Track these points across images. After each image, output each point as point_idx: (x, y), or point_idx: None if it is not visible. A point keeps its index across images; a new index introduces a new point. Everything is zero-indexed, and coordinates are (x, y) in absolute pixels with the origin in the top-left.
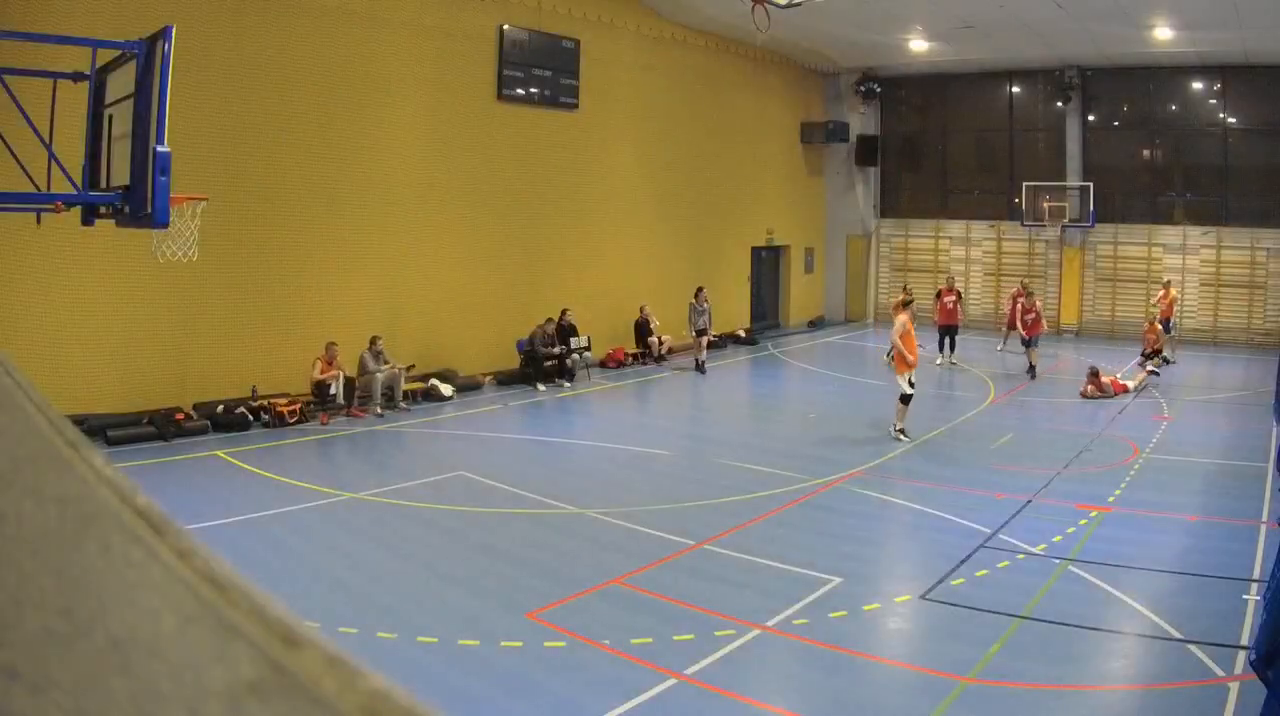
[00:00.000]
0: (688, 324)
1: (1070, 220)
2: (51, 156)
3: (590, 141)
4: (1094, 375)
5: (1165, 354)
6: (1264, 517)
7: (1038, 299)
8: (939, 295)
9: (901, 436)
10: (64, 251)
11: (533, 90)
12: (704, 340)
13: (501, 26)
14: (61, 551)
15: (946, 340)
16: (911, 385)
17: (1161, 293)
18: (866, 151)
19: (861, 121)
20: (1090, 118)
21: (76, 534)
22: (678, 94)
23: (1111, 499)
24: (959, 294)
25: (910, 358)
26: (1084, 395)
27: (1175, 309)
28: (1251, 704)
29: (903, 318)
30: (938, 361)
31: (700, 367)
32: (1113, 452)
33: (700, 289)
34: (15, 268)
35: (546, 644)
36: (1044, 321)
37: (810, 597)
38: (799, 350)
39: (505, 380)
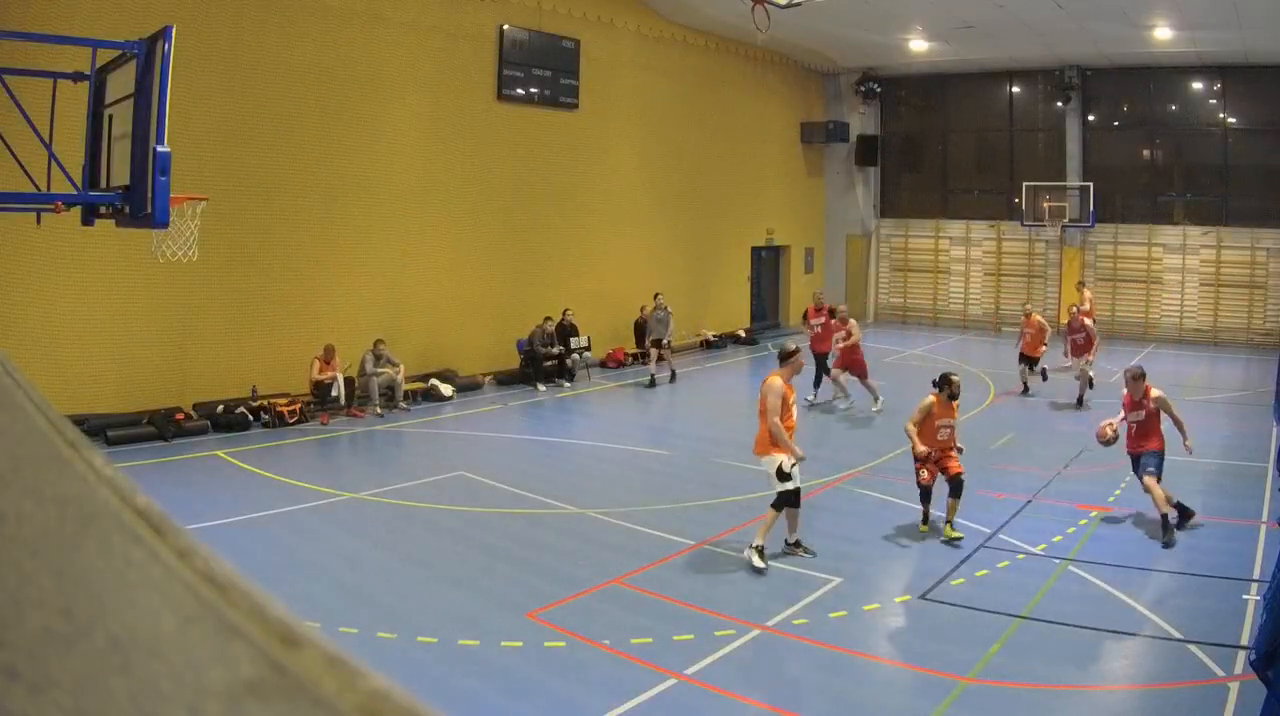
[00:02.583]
0: (647, 334)
1: (1070, 220)
2: (51, 156)
3: (590, 141)
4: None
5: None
6: (1264, 517)
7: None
8: (805, 317)
9: (760, 559)
10: (64, 251)
11: (533, 90)
12: (656, 352)
13: (501, 26)
14: (61, 551)
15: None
16: (787, 475)
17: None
18: (866, 151)
19: (861, 121)
20: (1090, 118)
21: (76, 534)
22: (678, 94)
23: (1111, 499)
24: (831, 312)
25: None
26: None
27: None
28: (1251, 704)
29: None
30: (809, 397)
31: (653, 382)
32: (1113, 453)
33: (657, 294)
34: (15, 267)
35: (546, 644)
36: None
37: (810, 597)
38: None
39: (505, 380)
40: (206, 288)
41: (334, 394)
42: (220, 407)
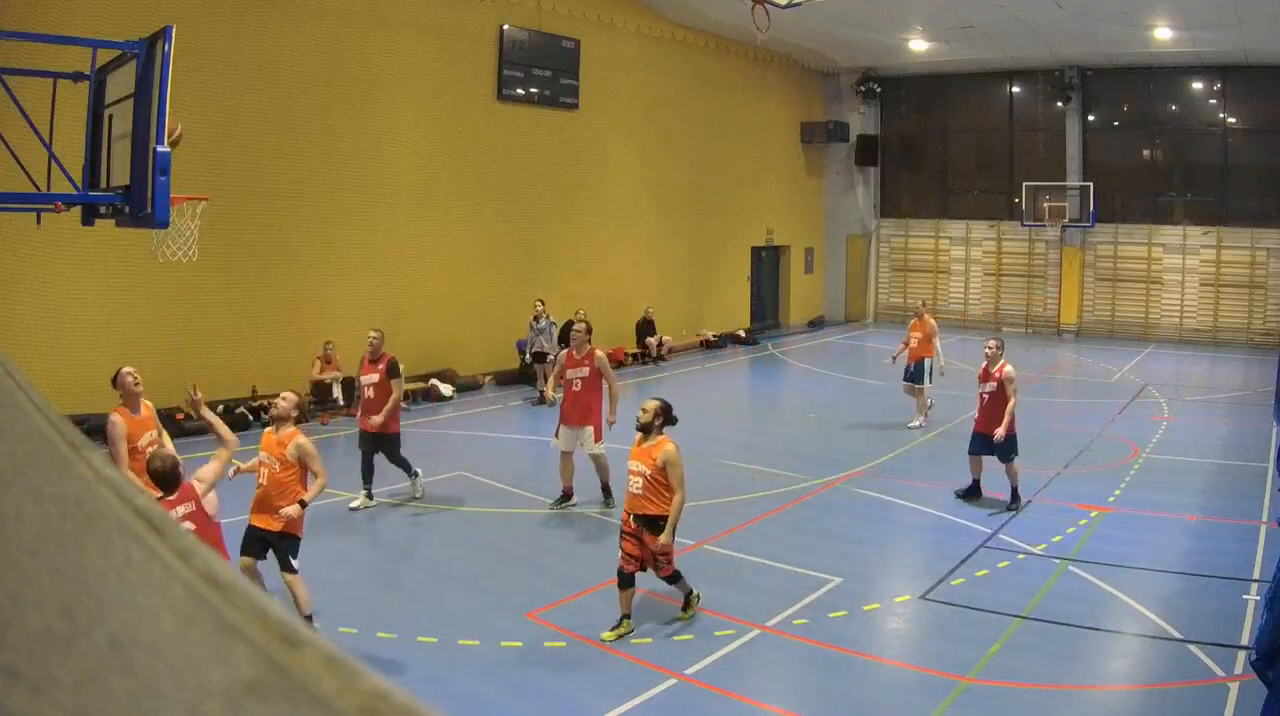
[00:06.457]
0: (527, 347)
1: (1070, 220)
2: (51, 156)
3: (590, 141)
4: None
5: (917, 422)
6: (1264, 517)
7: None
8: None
9: None
10: (64, 251)
11: (533, 90)
12: (539, 368)
13: (501, 26)
14: (61, 551)
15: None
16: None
17: (914, 321)
18: (866, 151)
19: (861, 121)
20: (1090, 118)
21: (76, 534)
22: (678, 94)
23: (1111, 499)
24: (393, 366)
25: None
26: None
27: (936, 347)
28: (1251, 704)
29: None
30: (353, 504)
31: (543, 398)
32: (1113, 452)
33: (539, 302)
34: (15, 267)
35: (546, 644)
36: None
37: (810, 597)
38: (799, 350)
39: (505, 380)
40: (206, 287)
41: (334, 395)
42: (220, 407)
